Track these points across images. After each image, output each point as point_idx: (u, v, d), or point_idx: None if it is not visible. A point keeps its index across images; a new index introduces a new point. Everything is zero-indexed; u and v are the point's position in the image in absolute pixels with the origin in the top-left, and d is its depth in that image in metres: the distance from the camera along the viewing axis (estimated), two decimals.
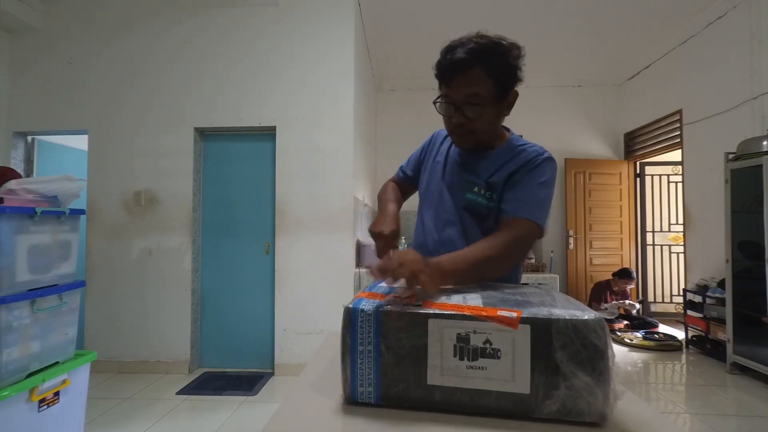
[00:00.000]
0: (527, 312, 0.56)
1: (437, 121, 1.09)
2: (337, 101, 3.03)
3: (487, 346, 0.56)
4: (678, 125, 3.96)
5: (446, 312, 0.58)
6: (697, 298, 3.45)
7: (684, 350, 3.51)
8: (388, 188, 1.19)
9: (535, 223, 0.87)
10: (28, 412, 1.56)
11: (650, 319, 4.20)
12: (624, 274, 4.22)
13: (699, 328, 3.45)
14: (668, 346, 3.52)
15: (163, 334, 3.01)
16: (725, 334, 2.95)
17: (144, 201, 3.05)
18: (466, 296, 0.66)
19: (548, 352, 0.54)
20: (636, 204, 4.91)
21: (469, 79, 0.86)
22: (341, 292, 2.94)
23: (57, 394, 1.68)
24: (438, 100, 0.93)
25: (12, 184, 1.60)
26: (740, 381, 2.79)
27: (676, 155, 4.24)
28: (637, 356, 3.41)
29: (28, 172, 3.27)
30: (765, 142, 2.75)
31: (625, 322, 4.06)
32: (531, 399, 0.55)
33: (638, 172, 4.92)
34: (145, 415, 2.30)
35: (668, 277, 5.01)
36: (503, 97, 0.91)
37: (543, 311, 0.56)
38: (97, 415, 2.29)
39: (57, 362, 1.71)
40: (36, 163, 3.31)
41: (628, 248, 4.84)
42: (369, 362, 0.60)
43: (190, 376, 2.93)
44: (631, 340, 3.65)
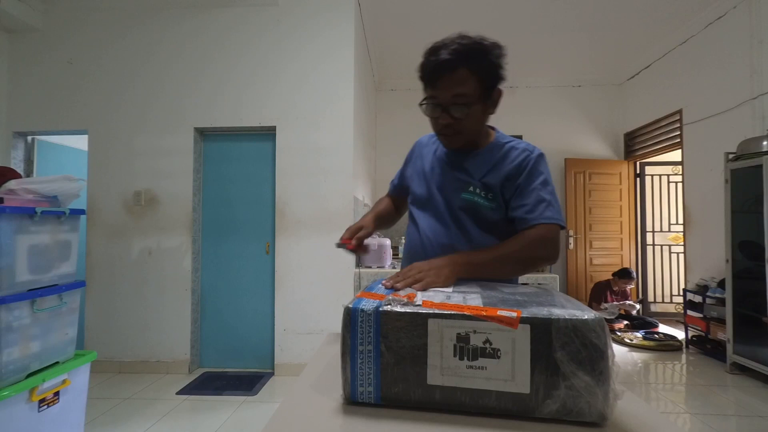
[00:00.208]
0: (527, 312, 0.56)
1: None
2: (337, 101, 3.03)
3: (487, 345, 0.56)
4: (678, 125, 3.96)
5: (446, 312, 0.58)
6: (697, 298, 3.45)
7: (684, 350, 3.51)
8: (379, 202, 1.27)
9: (553, 224, 0.90)
10: (28, 412, 1.56)
11: (650, 319, 4.20)
12: (624, 274, 4.22)
13: (699, 328, 3.45)
14: (668, 346, 3.52)
15: (163, 334, 3.01)
16: (725, 334, 2.95)
17: (144, 201, 3.05)
18: (466, 296, 0.66)
19: (548, 351, 0.54)
20: (636, 204, 4.91)
21: (454, 80, 0.88)
22: (341, 292, 2.94)
23: (57, 394, 1.68)
24: (424, 102, 0.94)
25: (12, 184, 1.60)
26: (740, 381, 2.79)
27: (676, 155, 4.24)
28: (637, 356, 3.41)
29: (28, 172, 3.27)
30: (765, 142, 2.75)
31: (625, 322, 4.06)
32: (531, 399, 0.55)
33: (638, 172, 4.92)
34: (145, 415, 2.30)
35: (668, 277, 5.01)
36: (488, 96, 0.93)
37: (543, 311, 0.56)
38: (97, 415, 2.29)
39: (57, 362, 1.71)
40: (36, 163, 3.31)
41: (628, 248, 4.84)
42: (369, 362, 0.60)
43: (190, 376, 2.93)
44: (631, 340, 3.65)
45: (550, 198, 0.92)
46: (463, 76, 0.87)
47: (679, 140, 3.96)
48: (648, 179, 4.96)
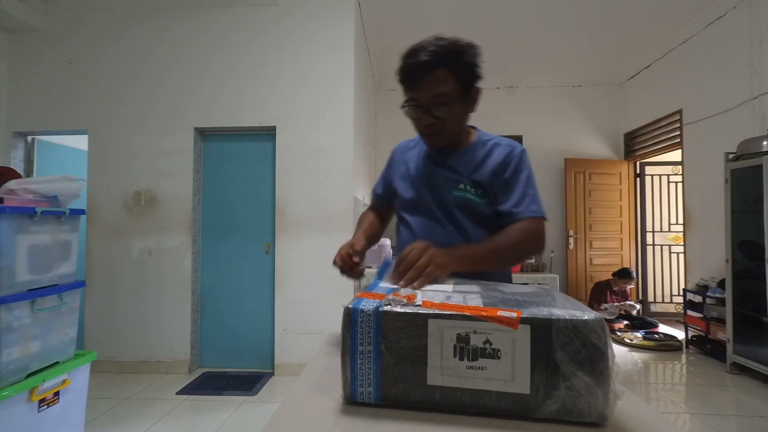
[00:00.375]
0: (527, 312, 0.56)
1: None
2: (337, 101, 3.03)
3: (487, 346, 0.56)
4: (678, 125, 3.96)
5: (446, 312, 0.58)
6: (697, 298, 3.45)
7: (684, 350, 3.51)
8: (363, 218, 1.22)
9: (538, 217, 0.96)
10: (28, 412, 1.56)
11: (650, 319, 4.20)
12: (624, 274, 4.22)
13: (699, 328, 3.45)
14: (668, 346, 3.52)
15: (163, 334, 3.01)
16: (725, 334, 2.95)
17: (144, 201, 3.05)
18: (466, 296, 0.66)
19: (548, 352, 0.54)
20: (636, 204, 4.90)
21: (434, 80, 0.90)
22: (341, 292, 2.94)
23: (57, 394, 1.68)
24: (405, 105, 0.97)
25: (12, 184, 1.60)
26: (740, 381, 2.79)
27: (676, 155, 4.24)
28: (637, 356, 3.41)
29: (28, 172, 3.27)
30: (765, 142, 2.75)
31: (625, 322, 4.06)
32: (531, 399, 0.55)
33: (638, 172, 4.92)
34: (145, 415, 2.30)
35: (668, 277, 5.01)
36: (467, 95, 0.96)
37: (543, 311, 0.56)
38: (97, 415, 2.29)
39: (57, 362, 1.71)
40: (36, 163, 3.31)
41: (628, 248, 4.84)
42: (369, 362, 0.60)
43: (190, 376, 2.93)
44: (631, 340, 3.65)
45: (533, 192, 0.97)
46: (442, 77, 0.90)
47: (679, 140, 3.96)
48: (648, 179, 4.96)
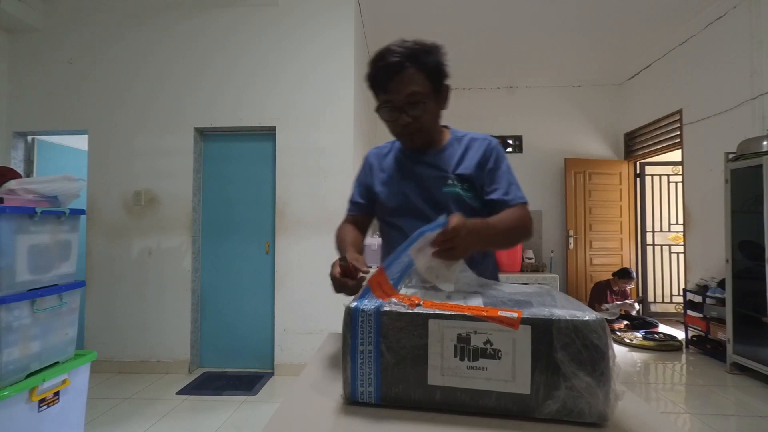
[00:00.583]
0: (528, 312, 0.56)
1: None
2: (337, 101, 3.03)
3: (488, 346, 0.56)
4: (678, 125, 3.96)
5: (447, 312, 0.58)
6: (697, 298, 3.45)
7: (684, 350, 3.51)
8: (344, 233, 1.10)
9: (525, 203, 1.01)
10: (28, 412, 1.56)
11: (650, 319, 4.20)
12: (624, 274, 4.22)
13: (699, 328, 3.44)
14: (668, 346, 3.52)
15: (163, 334, 3.00)
16: (725, 334, 2.95)
17: (144, 201, 3.05)
18: (467, 296, 0.66)
19: (549, 352, 0.54)
20: (636, 204, 4.90)
21: (405, 80, 0.93)
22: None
23: (57, 394, 1.68)
24: (380, 108, 0.99)
25: (12, 184, 1.60)
26: (740, 381, 2.79)
27: (676, 155, 4.23)
28: (637, 356, 3.41)
29: (28, 172, 3.27)
30: (765, 142, 2.75)
31: (625, 322, 4.06)
32: (532, 399, 0.55)
33: (638, 172, 4.92)
34: (145, 415, 2.30)
35: (668, 277, 5.01)
36: (438, 92, 0.98)
37: (544, 311, 0.56)
38: (97, 415, 2.29)
39: (57, 362, 1.71)
40: (36, 163, 3.31)
41: (628, 248, 4.84)
42: (369, 362, 0.60)
43: (190, 376, 2.93)
44: (631, 340, 3.65)
45: (516, 180, 1.03)
46: (412, 75, 0.92)
47: (679, 140, 3.95)
48: (648, 179, 4.96)
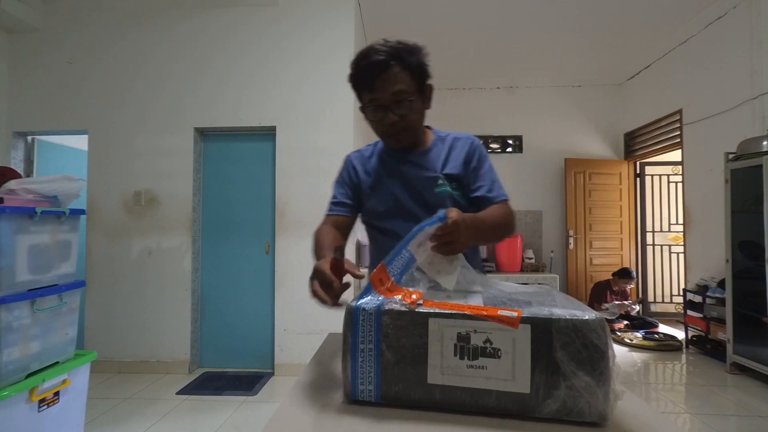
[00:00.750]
0: (528, 311, 0.56)
1: (435, 120, 1.09)
2: (337, 101, 3.03)
3: (488, 345, 0.56)
4: (678, 125, 3.96)
5: (447, 311, 0.58)
6: (697, 298, 3.45)
7: (684, 350, 3.51)
8: (322, 235, 1.02)
9: (507, 200, 1.02)
10: (28, 412, 1.56)
11: (650, 319, 4.20)
12: (624, 274, 4.22)
13: (699, 328, 3.44)
14: (668, 346, 3.52)
15: (163, 334, 3.00)
16: (725, 334, 2.95)
17: (144, 201, 3.05)
18: (468, 295, 0.66)
19: (549, 351, 0.54)
20: (636, 204, 4.90)
21: (390, 78, 0.91)
22: None
23: (57, 394, 1.68)
24: (366, 107, 0.97)
25: (12, 184, 1.60)
26: (740, 381, 2.79)
27: (676, 155, 4.23)
28: (637, 356, 3.41)
29: (28, 172, 3.27)
30: (765, 142, 2.75)
31: (625, 322, 4.06)
32: (531, 398, 0.55)
33: (638, 172, 4.92)
34: (145, 415, 2.30)
35: (668, 277, 5.00)
36: (422, 92, 0.98)
37: (544, 311, 0.56)
38: (97, 415, 2.29)
39: (57, 362, 1.71)
40: (36, 163, 3.31)
41: (628, 248, 4.84)
42: (370, 361, 0.60)
43: (190, 376, 2.93)
44: (631, 340, 3.65)
45: (498, 178, 1.05)
46: (397, 73, 0.91)
47: (679, 140, 3.95)
48: (648, 179, 4.96)
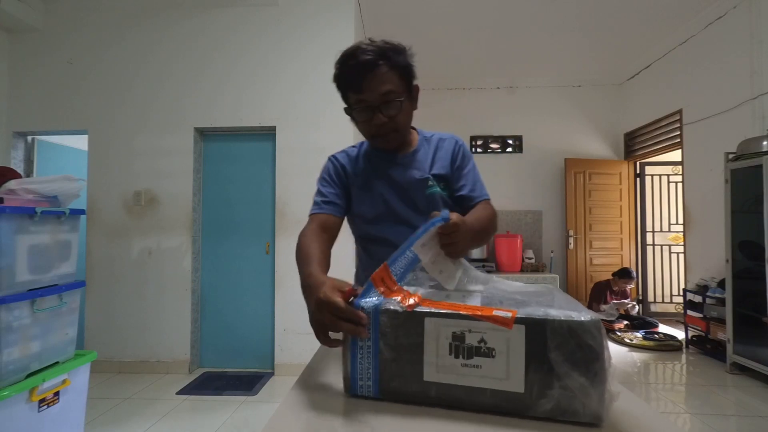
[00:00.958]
0: (523, 312, 0.57)
1: (435, 120, 1.09)
2: (337, 101, 2.97)
3: (482, 345, 0.57)
4: (678, 125, 3.96)
5: (442, 311, 0.59)
6: (697, 298, 3.45)
7: (684, 350, 3.51)
8: (307, 245, 0.90)
9: (489, 199, 1.03)
10: (28, 412, 1.56)
11: (650, 319, 4.20)
12: (624, 274, 4.21)
13: (699, 328, 3.44)
14: (668, 346, 3.52)
15: (163, 334, 3.01)
16: (725, 334, 2.95)
17: (144, 201, 3.05)
18: (466, 295, 0.66)
19: (543, 352, 0.55)
20: (636, 204, 4.90)
21: (379, 78, 0.89)
22: None
23: (57, 394, 1.68)
24: (353, 109, 0.95)
25: (12, 184, 1.60)
26: (740, 381, 2.79)
27: (676, 155, 4.23)
28: (637, 356, 3.41)
29: (28, 172, 3.27)
30: (765, 142, 2.75)
31: (625, 322, 4.06)
32: (525, 397, 0.55)
33: (638, 172, 4.92)
34: (145, 415, 2.30)
35: (668, 277, 5.00)
36: (410, 92, 0.97)
37: (539, 311, 0.57)
38: (97, 415, 2.29)
39: (57, 362, 1.71)
40: (36, 163, 3.32)
41: (628, 248, 4.84)
42: (368, 358, 0.61)
43: (190, 376, 2.93)
44: (631, 340, 3.65)
45: (480, 177, 1.05)
46: (385, 73, 0.90)
47: (679, 140, 3.95)
48: (648, 179, 4.96)
